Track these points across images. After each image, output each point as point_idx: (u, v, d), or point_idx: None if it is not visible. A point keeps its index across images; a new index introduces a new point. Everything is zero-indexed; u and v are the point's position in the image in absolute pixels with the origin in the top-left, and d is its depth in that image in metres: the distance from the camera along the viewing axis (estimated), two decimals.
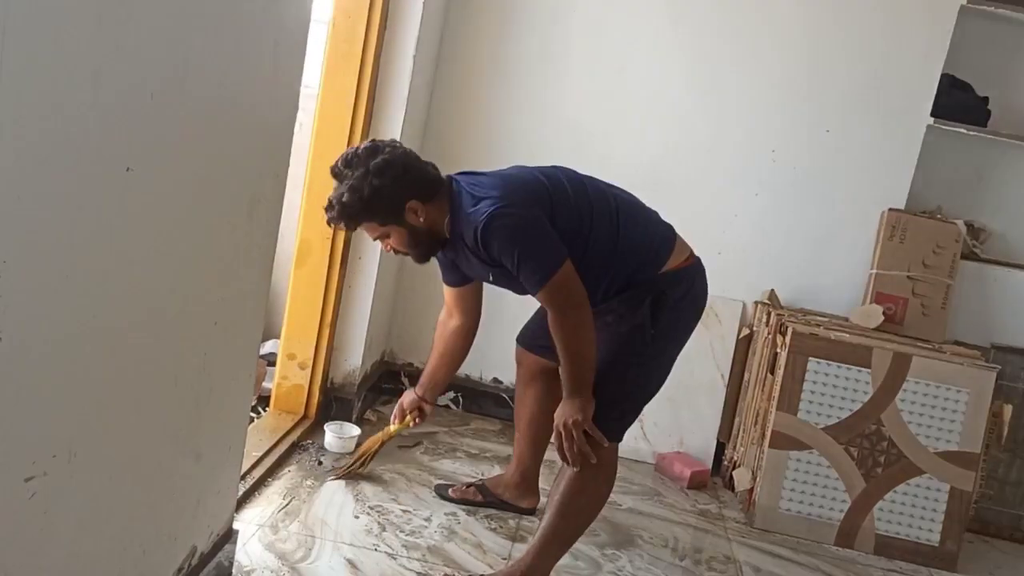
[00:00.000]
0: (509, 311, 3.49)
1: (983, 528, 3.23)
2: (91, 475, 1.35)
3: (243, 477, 2.52)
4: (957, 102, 3.24)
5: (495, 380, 3.56)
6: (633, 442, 3.38)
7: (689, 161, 3.37)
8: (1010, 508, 3.24)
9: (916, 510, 2.94)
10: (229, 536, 2.07)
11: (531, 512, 2.75)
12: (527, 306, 3.45)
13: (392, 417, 2.68)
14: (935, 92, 3.21)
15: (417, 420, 2.66)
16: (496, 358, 3.54)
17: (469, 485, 2.79)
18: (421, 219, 2.21)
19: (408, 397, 2.65)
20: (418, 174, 2.22)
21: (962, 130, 3.21)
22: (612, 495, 3.00)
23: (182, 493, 1.75)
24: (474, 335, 2.60)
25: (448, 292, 2.55)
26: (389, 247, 2.30)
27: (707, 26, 3.29)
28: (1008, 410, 3.11)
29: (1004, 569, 3.02)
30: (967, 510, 2.97)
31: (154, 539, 1.64)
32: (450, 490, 2.77)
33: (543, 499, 2.75)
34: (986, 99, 3.28)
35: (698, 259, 2.36)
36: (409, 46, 3.00)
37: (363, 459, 2.78)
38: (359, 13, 2.86)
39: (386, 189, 2.13)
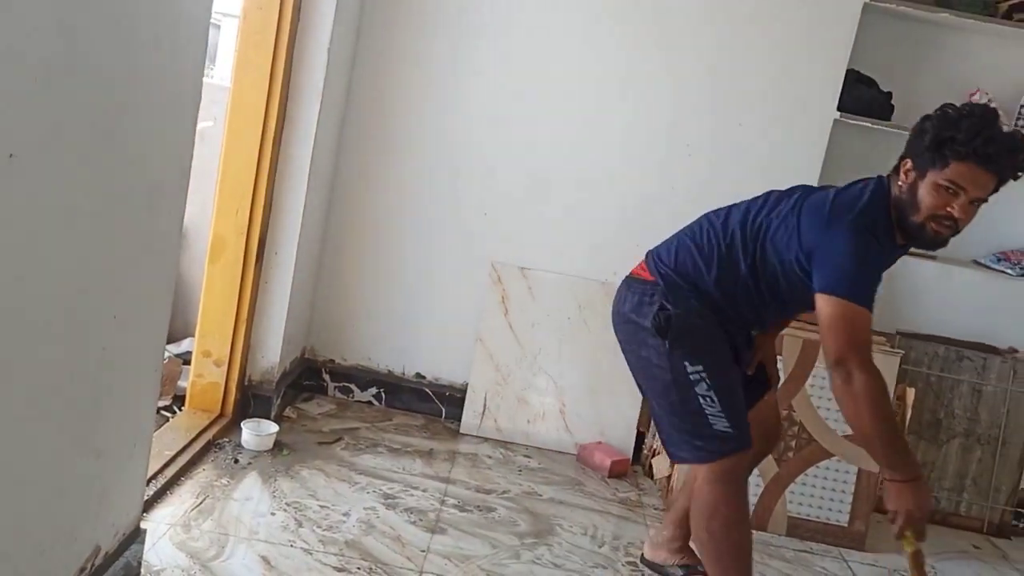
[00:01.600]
0: (435, 307, 3.50)
1: None
2: None
3: (154, 476, 2.48)
4: (862, 97, 3.34)
5: (418, 375, 3.56)
6: (555, 433, 3.41)
7: (606, 156, 3.41)
8: None
9: (826, 492, 3.02)
10: (136, 535, 2.03)
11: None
12: (460, 299, 3.47)
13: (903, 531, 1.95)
14: (841, 87, 3.30)
15: None
16: (419, 353, 3.55)
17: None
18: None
19: (922, 497, 1.93)
20: None
21: (867, 124, 3.31)
22: (533, 485, 3.06)
23: (82, 492, 1.71)
24: None
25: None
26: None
27: (622, 23, 3.34)
28: (911, 393, 3.22)
29: None
30: (875, 490, 3.07)
31: (51, 538, 1.60)
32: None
33: None
34: (890, 94, 3.39)
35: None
36: (323, 37, 2.98)
37: None
38: (271, 4, 2.83)
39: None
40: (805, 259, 2.04)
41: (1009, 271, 3.42)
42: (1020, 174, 2.01)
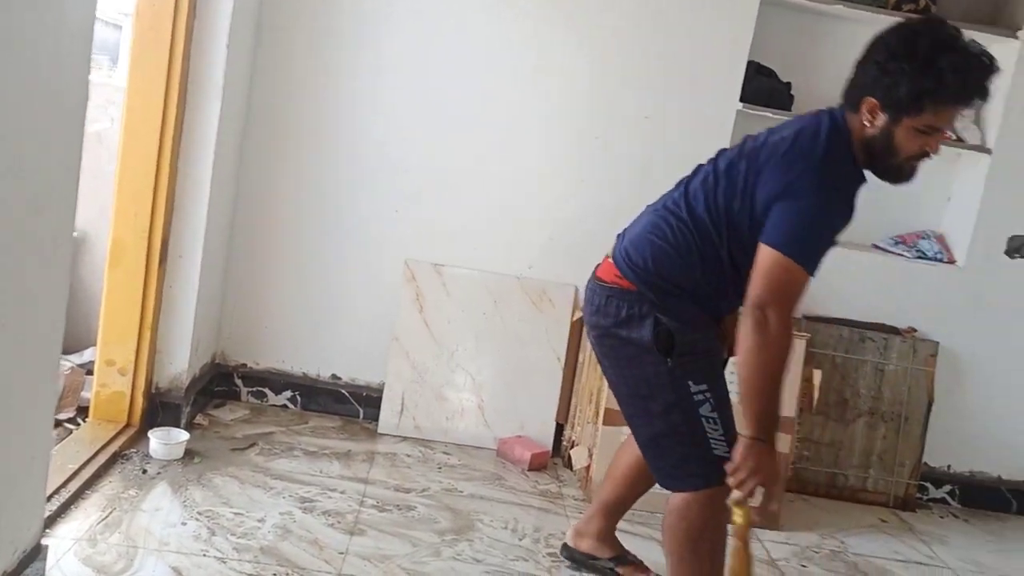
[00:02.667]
0: (349, 307, 3.46)
1: (803, 488, 3.43)
2: None
3: (57, 491, 2.39)
4: (762, 87, 3.42)
5: (334, 376, 3.51)
6: (475, 429, 3.41)
7: (517, 150, 3.41)
8: (826, 467, 3.46)
9: None
10: (38, 552, 1.95)
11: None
12: (374, 298, 3.42)
13: (745, 496, 1.96)
14: (742, 78, 3.38)
15: None
16: (334, 354, 3.50)
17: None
18: None
19: (767, 460, 1.93)
20: None
21: (768, 114, 3.39)
22: (453, 482, 3.05)
23: None
24: None
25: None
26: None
27: (534, 16, 3.34)
28: (818, 375, 3.32)
29: (822, 523, 3.22)
30: (786, 471, 3.15)
31: None
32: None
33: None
34: (789, 84, 3.48)
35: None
36: (222, 33, 2.90)
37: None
38: (164, 1, 2.75)
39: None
40: (763, 211, 1.93)
41: (906, 253, 3.55)
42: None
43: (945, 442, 3.58)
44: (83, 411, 3.00)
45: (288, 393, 3.49)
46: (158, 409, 3.01)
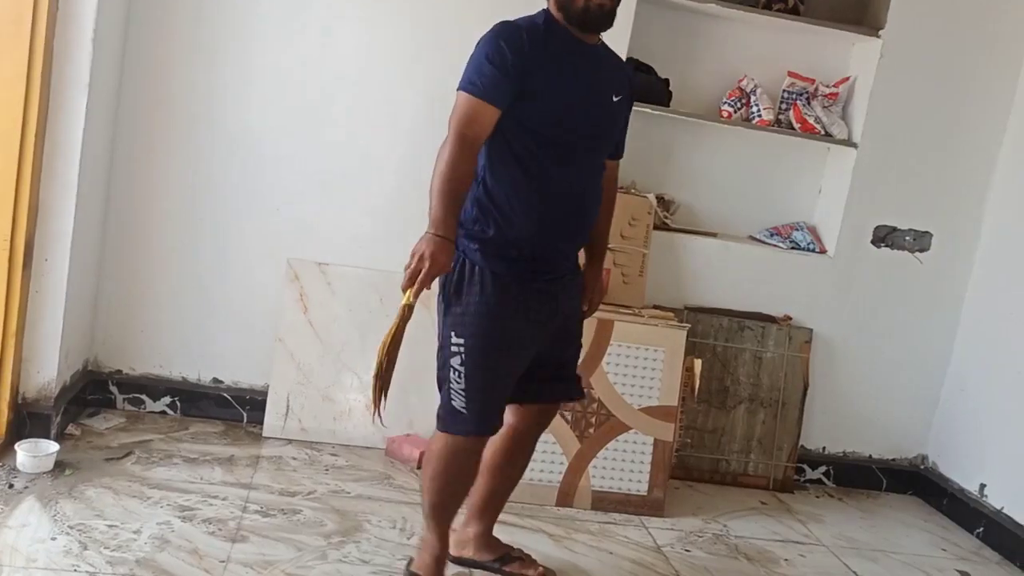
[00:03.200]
0: (230, 309, 3.36)
1: (687, 474, 3.53)
2: None
3: None
4: (642, 84, 3.48)
5: (215, 380, 3.41)
6: (363, 429, 3.37)
7: (396, 145, 3.38)
8: (708, 453, 3.57)
9: (626, 464, 3.15)
10: None
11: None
12: (256, 299, 3.33)
13: (419, 287, 2.08)
14: None
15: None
16: (215, 357, 3.40)
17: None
18: None
19: (440, 249, 2.07)
20: None
21: (647, 110, 3.46)
22: (340, 483, 3.01)
23: None
24: None
25: (493, 114, 2.16)
26: None
27: (405, 11, 3.32)
28: (698, 364, 3.42)
29: (705, 508, 3.32)
30: (670, 459, 3.23)
31: None
32: None
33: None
34: (667, 81, 3.56)
35: None
36: (87, 25, 2.79)
37: (383, 376, 2.17)
38: None
39: None
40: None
41: (780, 244, 3.68)
42: None
43: (820, 425, 3.74)
44: None
45: (167, 399, 3.37)
46: (25, 420, 2.87)
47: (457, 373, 2.23)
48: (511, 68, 2.13)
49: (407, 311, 2.12)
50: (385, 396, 2.16)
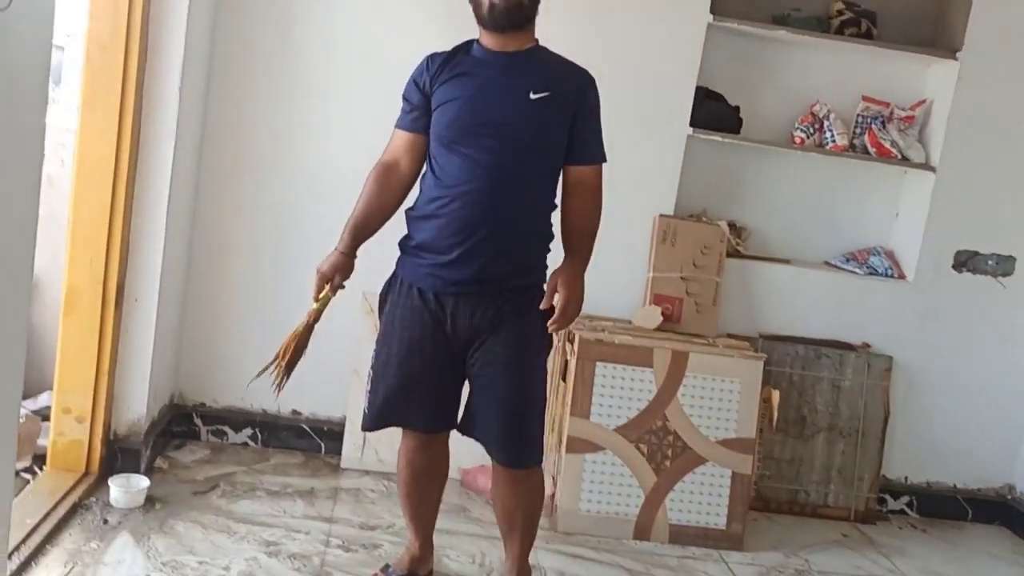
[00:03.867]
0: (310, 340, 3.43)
1: (765, 505, 3.48)
2: None
3: (17, 548, 2.35)
4: (712, 112, 3.48)
5: (294, 412, 3.49)
6: None
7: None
8: (787, 484, 3.52)
9: (703, 497, 3.13)
10: None
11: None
12: (333, 331, 3.41)
13: (314, 292, 2.48)
14: (692, 104, 3.43)
15: (342, 285, 2.51)
16: (294, 389, 3.44)
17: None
18: None
19: (328, 261, 2.46)
20: None
21: (718, 138, 3.45)
22: None
23: None
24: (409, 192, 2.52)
25: (402, 137, 2.43)
26: None
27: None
28: (776, 395, 3.38)
29: (785, 541, 3.27)
30: (748, 491, 3.20)
31: None
32: None
33: None
34: (737, 108, 3.55)
35: None
36: (174, 75, 2.89)
37: (285, 359, 2.53)
38: (116, 43, 2.74)
39: None
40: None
41: (857, 270, 3.62)
42: None
43: (902, 454, 3.66)
44: (39, 459, 2.95)
45: (248, 431, 3.46)
46: (117, 455, 2.97)
47: (369, 375, 2.52)
48: (413, 94, 2.36)
49: (315, 312, 2.50)
50: (287, 377, 2.51)
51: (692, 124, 3.43)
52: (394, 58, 3.32)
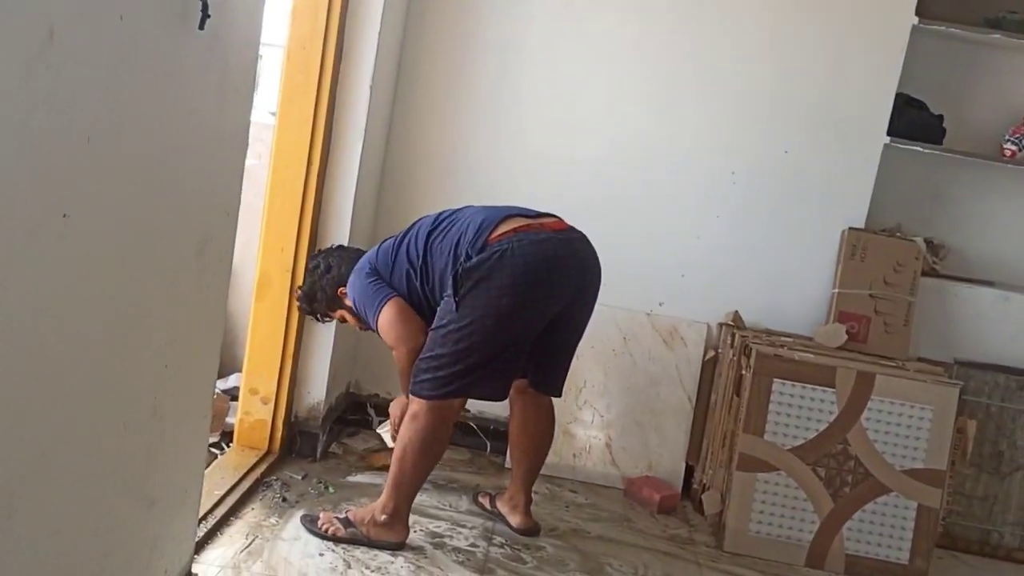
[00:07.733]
0: None
1: (952, 544, 3.23)
2: (32, 531, 1.31)
3: (204, 517, 2.47)
4: (912, 120, 3.27)
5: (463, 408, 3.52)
6: (602, 467, 3.37)
7: (649, 184, 3.37)
8: (978, 523, 3.25)
9: (885, 528, 2.94)
10: None
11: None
12: None
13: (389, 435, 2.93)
14: (890, 111, 3.24)
15: None
16: None
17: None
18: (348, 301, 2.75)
19: (399, 407, 2.89)
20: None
21: (918, 148, 3.24)
22: (580, 522, 3.01)
23: (134, 542, 1.71)
24: None
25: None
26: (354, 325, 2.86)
27: (666, 49, 3.31)
28: (972, 426, 3.13)
29: None
30: (935, 527, 2.98)
31: None
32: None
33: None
34: (941, 117, 3.32)
35: (523, 229, 2.55)
36: (365, 75, 2.99)
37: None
38: (314, 43, 2.85)
39: (317, 285, 2.80)
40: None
41: None
42: None
43: None
44: (227, 435, 3.12)
45: None
46: (296, 437, 3.09)
47: None
48: None
49: None
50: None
51: (890, 133, 3.25)
52: (595, 74, 3.33)
